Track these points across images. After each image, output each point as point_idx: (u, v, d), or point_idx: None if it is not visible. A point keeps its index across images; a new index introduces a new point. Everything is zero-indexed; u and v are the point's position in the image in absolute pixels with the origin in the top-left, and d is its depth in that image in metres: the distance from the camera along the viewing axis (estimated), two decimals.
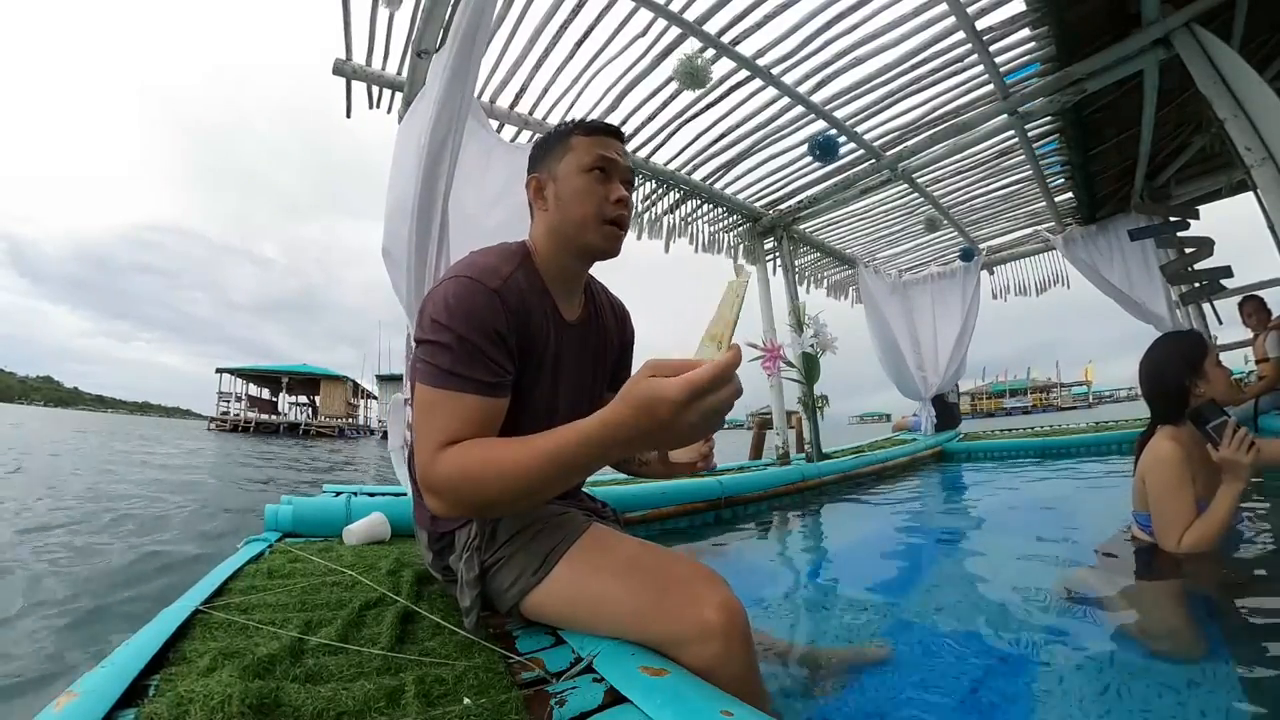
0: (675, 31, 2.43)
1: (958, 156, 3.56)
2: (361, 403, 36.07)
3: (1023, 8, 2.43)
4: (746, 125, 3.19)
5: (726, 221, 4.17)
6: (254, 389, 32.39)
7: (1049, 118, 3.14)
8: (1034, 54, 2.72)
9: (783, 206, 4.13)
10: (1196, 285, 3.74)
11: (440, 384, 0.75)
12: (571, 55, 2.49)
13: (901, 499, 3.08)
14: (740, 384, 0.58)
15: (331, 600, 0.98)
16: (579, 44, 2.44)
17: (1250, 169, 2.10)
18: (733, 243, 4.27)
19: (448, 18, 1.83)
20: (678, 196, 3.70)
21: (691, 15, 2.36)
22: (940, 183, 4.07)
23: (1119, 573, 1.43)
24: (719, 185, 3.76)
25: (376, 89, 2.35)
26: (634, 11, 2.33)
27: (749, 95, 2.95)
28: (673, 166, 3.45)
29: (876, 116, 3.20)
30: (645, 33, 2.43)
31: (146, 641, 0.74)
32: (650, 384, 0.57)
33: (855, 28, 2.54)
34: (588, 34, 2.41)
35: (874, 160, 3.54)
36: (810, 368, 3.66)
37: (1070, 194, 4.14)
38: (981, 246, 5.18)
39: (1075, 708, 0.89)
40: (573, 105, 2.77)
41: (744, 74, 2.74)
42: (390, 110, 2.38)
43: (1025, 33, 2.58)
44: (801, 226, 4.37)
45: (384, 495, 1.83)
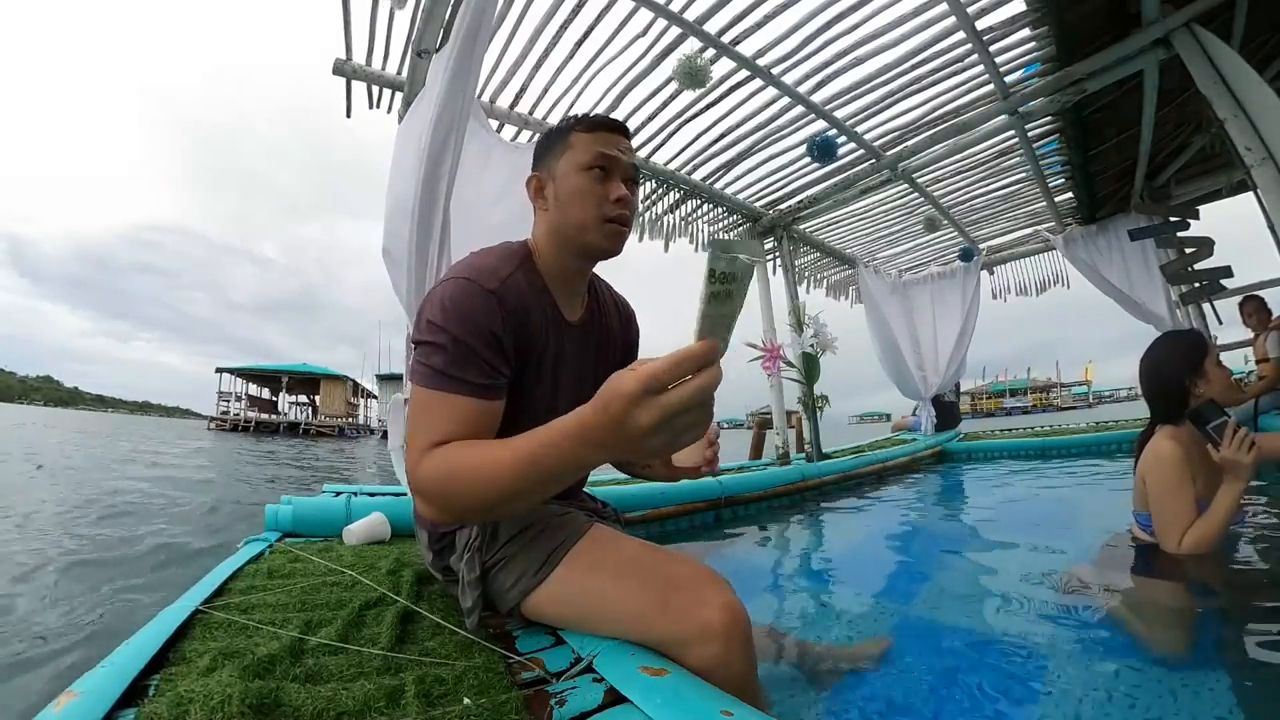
0: (675, 31, 2.43)
1: (958, 156, 3.56)
2: (361, 402, 36.09)
3: (1023, 8, 2.43)
4: (746, 125, 3.19)
5: (727, 221, 4.17)
6: (254, 388, 32.41)
7: (1049, 118, 3.13)
8: (1034, 54, 2.72)
9: (783, 206, 4.13)
10: (1196, 285, 3.74)
11: (433, 385, 0.75)
12: (571, 55, 2.49)
13: (901, 499, 3.08)
14: (713, 390, 0.48)
15: (331, 600, 0.98)
16: (579, 44, 2.44)
17: (1250, 169, 2.09)
18: None
19: (447, 18, 1.83)
20: (678, 196, 3.71)
21: (691, 15, 2.36)
22: (940, 183, 4.06)
23: (1119, 572, 1.43)
24: (719, 185, 3.76)
25: (376, 89, 2.35)
26: (634, 11, 2.33)
27: (749, 95, 2.95)
28: (673, 166, 3.46)
29: (876, 116, 3.20)
30: (645, 33, 2.43)
31: (146, 641, 0.74)
32: (613, 377, 0.50)
33: (855, 28, 2.54)
34: (588, 34, 2.41)
35: (874, 160, 3.54)
36: (810, 368, 3.66)
37: (1070, 194, 4.14)
38: (981, 246, 5.18)
39: (1075, 707, 0.89)
40: (573, 105, 2.77)
41: (744, 74, 2.74)
42: (390, 110, 2.38)
43: (1025, 33, 2.58)
44: (801, 226, 4.37)
45: (384, 495, 1.83)
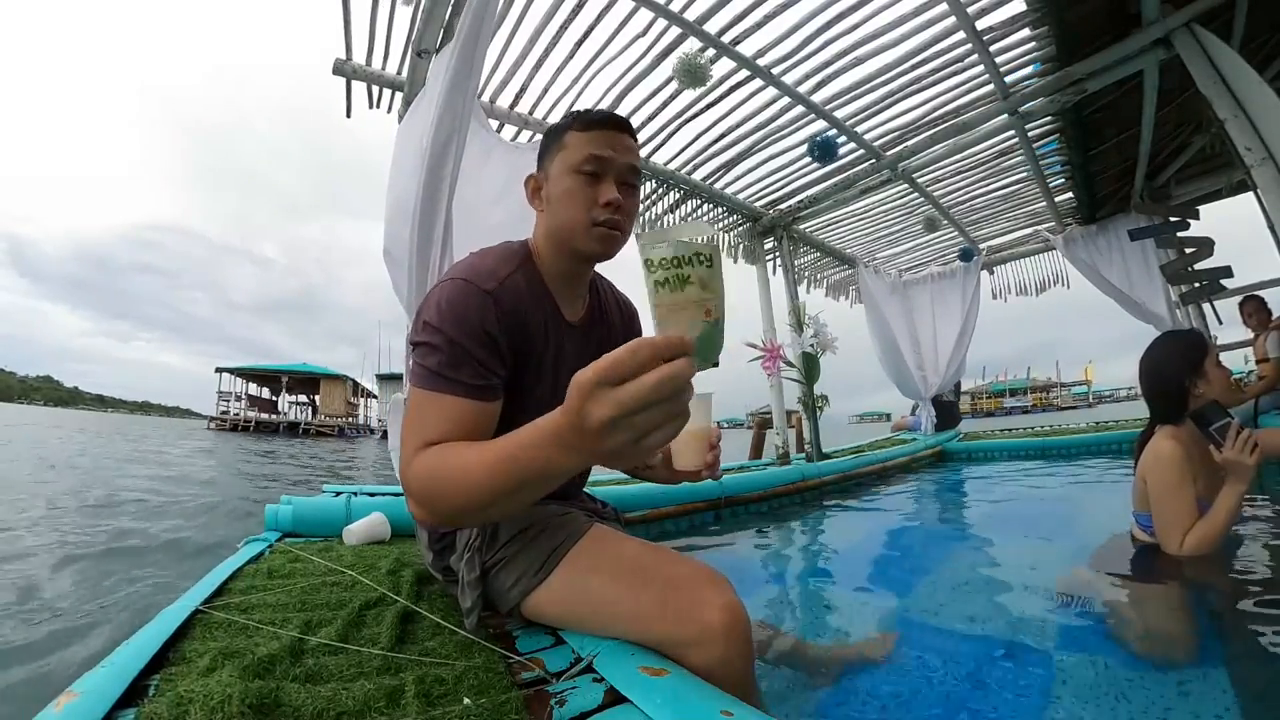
0: (675, 31, 2.43)
1: (958, 156, 3.56)
2: (361, 402, 36.11)
3: (1023, 8, 2.43)
4: (746, 125, 3.19)
5: (726, 221, 4.17)
6: (254, 388, 32.43)
7: (1049, 118, 3.13)
8: (1034, 54, 2.72)
9: (783, 206, 4.13)
10: (1196, 285, 3.74)
11: (427, 385, 0.75)
12: (571, 55, 2.49)
13: (901, 499, 3.08)
14: (678, 385, 0.42)
15: (331, 600, 0.98)
16: (579, 44, 2.44)
17: (1250, 169, 2.10)
18: (732, 242, 4.27)
19: (447, 17, 1.83)
20: (678, 196, 3.70)
21: (691, 15, 2.36)
22: (940, 183, 4.06)
23: (1119, 573, 1.43)
24: (719, 185, 3.76)
25: (376, 89, 2.35)
26: (634, 11, 2.33)
27: (749, 95, 2.94)
28: (673, 166, 3.45)
29: (876, 116, 3.20)
30: (645, 33, 2.43)
31: (146, 641, 0.74)
32: (577, 371, 0.46)
33: (855, 28, 2.54)
34: (588, 34, 2.41)
35: (874, 160, 3.54)
36: (810, 368, 3.66)
37: (1070, 194, 4.14)
38: (981, 246, 5.18)
39: (1075, 707, 0.89)
40: (573, 105, 2.77)
41: (744, 74, 2.74)
42: (390, 110, 2.38)
43: (1025, 33, 2.58)
44: (801, 226, 4.36)
45: (384, 495, 1.83)
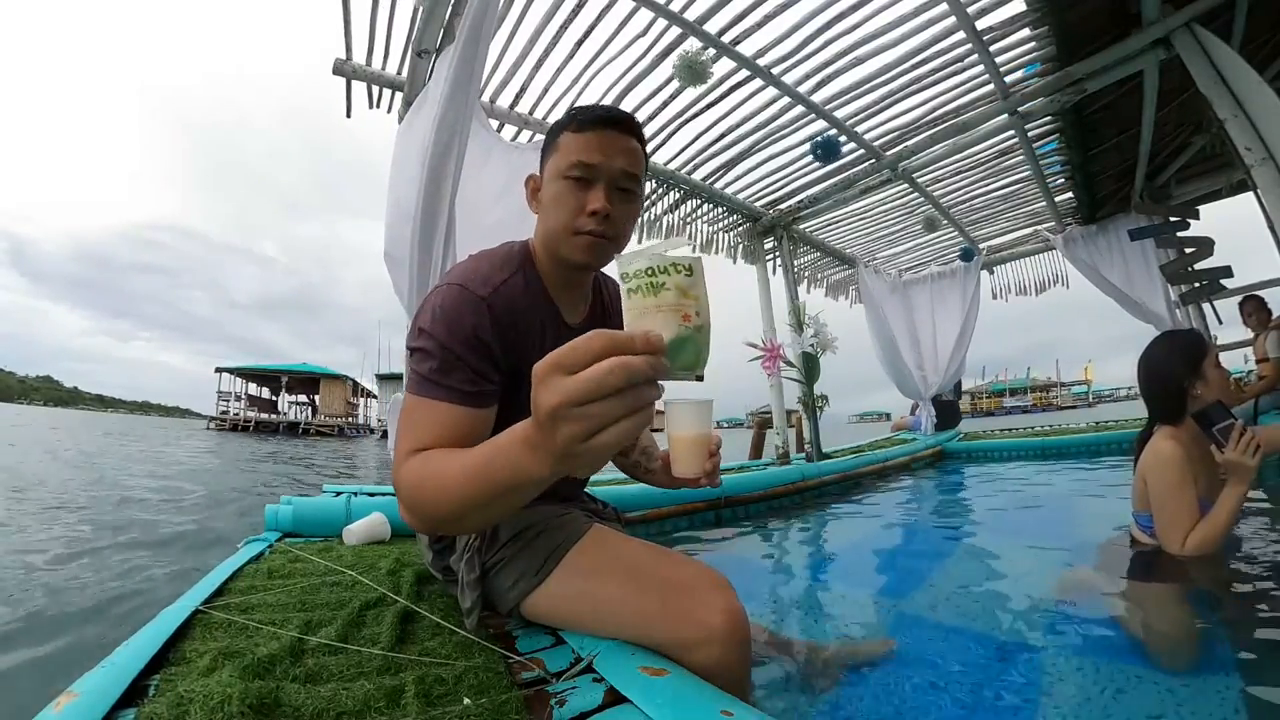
0: (675, 31, 2.43)
1: (958, 156, 3.56)
2: (361, 402, 36.09)
3: (1023, 8, 2.43)
4: (746, 125, 3.19)
5: (726, 221, 4.17)
6: (253, 388, 32.40)
7: (1049, 118, 3.13)
8: (1034, 54, 2.71)
9: (783, 206, 4.13)
10: (1196, 285, 3.74)
11: (419, 391, 0.75)
12: (572, 55, 2.49)
13: (901, 499, 3.09)
14: (633, 376, 0.40)
15: (331, 600, 0.98)
16: (579, 44, 2.44)
17: (1250, 169, 2.09)
18: (732, 242, 4.27)
19: (448, 17, 1.83)
20: (677, 196, 3.70)
21: (692, 15, 2.36)
22: (940, 183, 4.06)
23: (1119, 573, 1.43)
24: (719, 185, 3.76)
25: (376, 89, 2.35)
26: (634, 11, 2.33)
27: (749, 95, 2.94)
28: (673, 166, 3.45)
29: (877, 116, 3.20)
30: (645, 32, 2.43)
31: (146, 641, 0.74)
32: None
33: (855, 28, 2.54)
34: (588, 34, 2.41)
35: (874, 160, 3.54)
36: (810, 368, 3.66)
37: (1070, 194, 4.14)
38: (981, 246, 5.18)
39: (1075, 707, 0.89)
40: (573, 105, 2.77)
41: (744, 74, 2.74)
42: (390, 110, 2.38)
43: (1025, 33, 2.58)
44: (801, 226, 4.36)
45: (384, 495, 1.83)
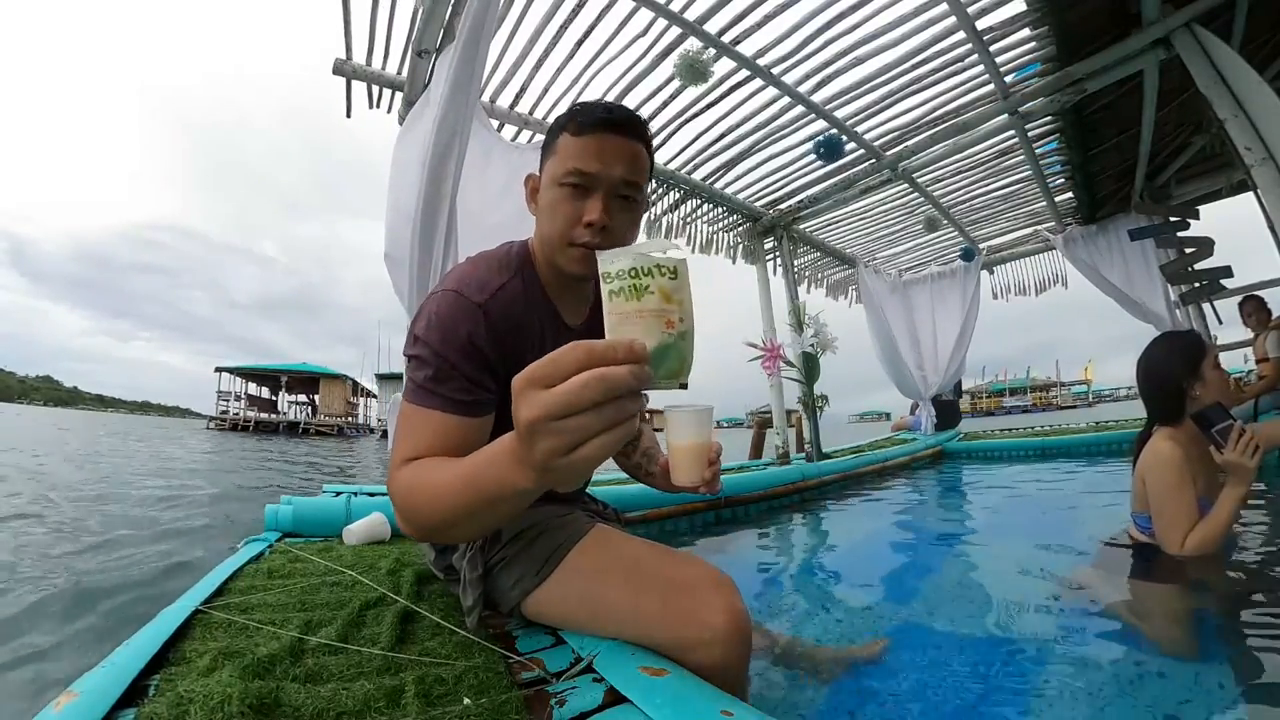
0: (676, 31, 2.43)
1: (958, 156, 3.56)
2: (361, 401, 36.07)
3: (1023, 8, 2.43)
4: (747, 125, 3.19)
5: (726, 221, 4.17)
6: (253, 388, 32.38)
7: (1049, 118, 3.13)
8: (1034, 54, 2.71)
9: (783, 206, 4.13)
10: (1196, 285, 3.74)
11: (414, 399, 0.75)
12: (572, 55, 2.49)
13: (901, 499, 3.09)
14: (612, 389, 0.39)
15: (331, 600, 0.98)
16: (579, 44, 2.44)
17: (1250, 169, 2.09)
18: (732, 242, 4.27)
19: (448, 17, 1.83)
20: (677, 196, 3.70)
21: (692, 15, 2.36)
22: (940, 183, 4.06)
23: (1118, 573, 1.43)
24: (719, 185, 3.76)
25: (376, 89, 2.35)
26: (634, 11, 2.33)
27: (749, 95, 2.94)
28: (673, 166, 3.45)
29: (877, 116, 3.20)
30: (645, 32, 2.43)
31: (146, 641, 0.73)
32: None
33: (855, 28, 2.54)
34: (588, 34, 2.41)
35: (874, 160, 3.54)
36: (810, 367, 3.66)
37: (1070, 194, 4.14)
38: (981, 246, 5.18)
39: (1074, 707, 0.89)
40: (575, 102, 2.77)
41: (744, 74, 2.74)
42: (390, 110, 2.38)
43: (1025, 33, 2.58)
44: (801, 226, 4.36)
45: (384, 495, 1.83)
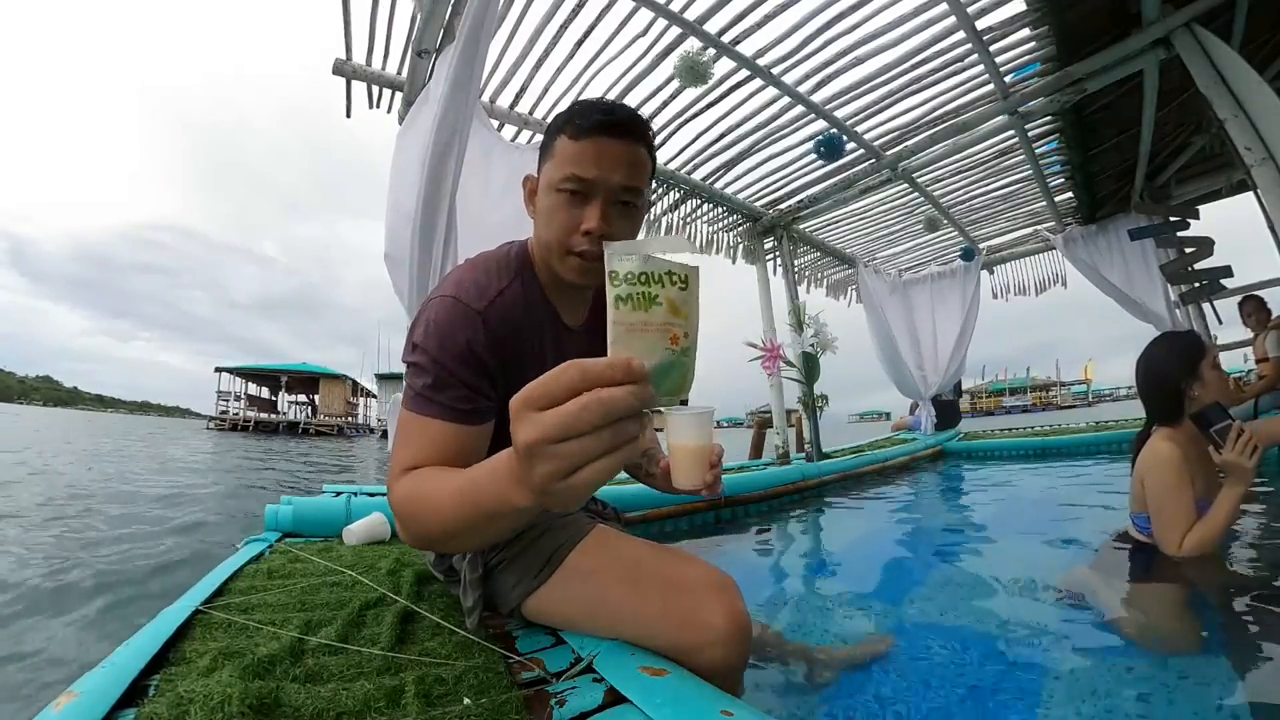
0: (675, 31, 2.43)
1: (958, 156, 3.56)
2: (361, 401, 36.08)
3: (1023, 8, 2.43)
4: (747, 125, 3.19)
5: (726, 221, 4.17)
6: (253, 388, 32.40)
7: (1049, 118, 3.13)
8: (1034, 54, 2.71)
9: (783, 206, 4.13)
10: (1196, 285, 3.74)
11: (413, 408, 0.74)
12: (572, 55, 2.49)
13: (901, 498, 3.09)
14: (612, 412, 0.37)
15: (331, 600, 0.98)
16: (579, 44, 2.44)
17: (1250, 169, 2.09)
18: (732, 242, 4.27)
19: (448, 17, 1.83)
20: (677, 196, 3.70)
21: (692, 15, 2.36)
22: (940, 182, 4.06)
23: (1117, 573, 1.43)
24: (719, 185, 3.76)
25: (376, 89, 2.35)
26: (634, 11, 2.33)
27: (749, 95, 2.94)
28: (673, 166, 3.45)
29: (877, 116, 3.20)
30: (645, 32, 2.43)
31: (146, 641, 0.74)
32: None
33: (855, 27, 2.54)
34: (588, 34, 2.41)
35: (874, 160, 3.54)
36: (810, 367, 3.66)
37: (1070, 194, 4.14)
38: (981, 246, 5.17)
39: (1073, 707, 0.89)
40: (575, 100, 2.77)
41: (744, 73, 2.74)
42: (390, 110, 2.38)
43: (1025, 33, 2.58)
44: (801, 226, 4.36)
45: (384, 495, 1.83)
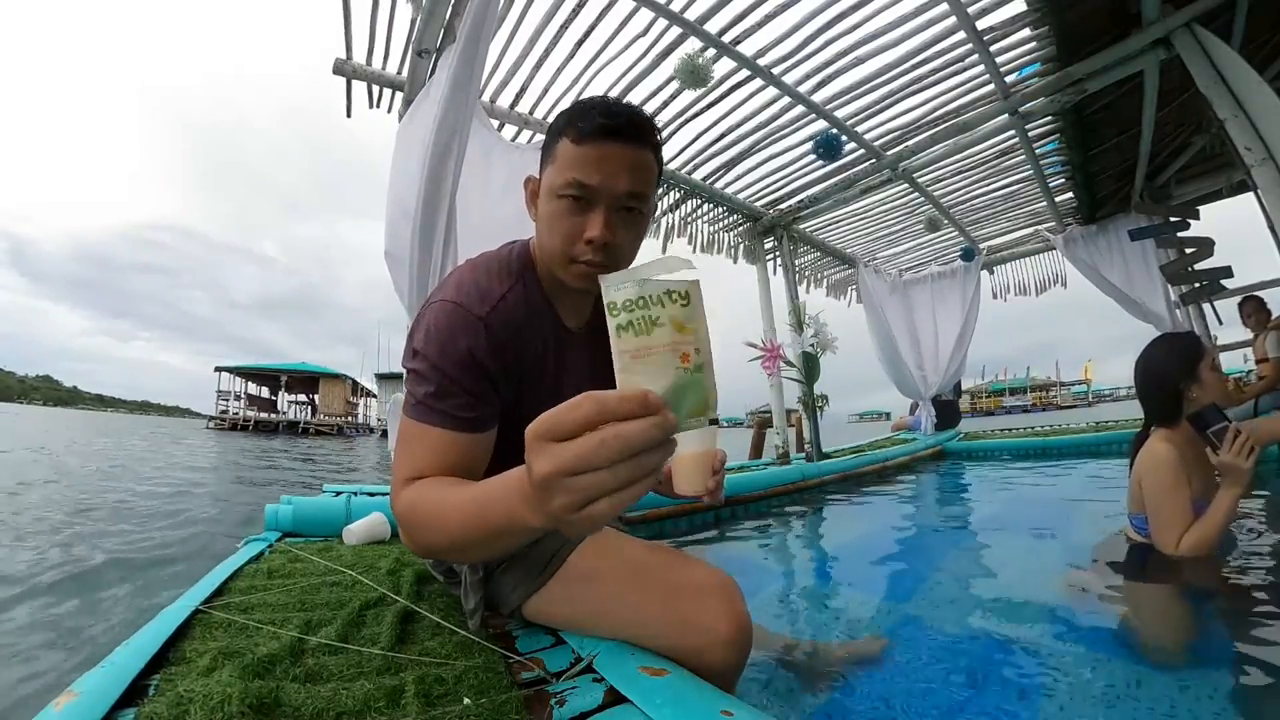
0: (676, 31, 2.43)
1: (958, 156, 3.56)
2: (361, 401, 36.11)
3: (1023, 8, 2.43)
4: (747, 125, 3.19)
5: (726, 221, 4.17)
6: (253, 388, 32.43)
7: (1049, 118, 3.13)
8: (1034, 54, 2.71)
9: (783, 206, 4.13)
10: (1196, 285, 3.74)
11: (415, 416, 0.73)
12: (572, 55, 2.49)
13: (901, 498, 3.09)
14: (630, 446, 0.35)
15: (331, 600, 0.97)
16: (579, 44, 2.44)
17: (1250, 169, 2.09)
18: (732, 242, 4.27)
19: (448, 17, 1.83)
20: (678, 196, 3.70)
21: (692, 15, 2.36)
22: (940, 182, 4.06)
23: (1115, 574, 1.43)
24: (719, 185, 3.76)
25: (377, 88, 2.35)
26: (634, 11, 2.33)
27: (750, 95, 2.94)
28: (673, 166, 3.45)
29: (877, 116, 3.20)
30: (646, 32, 2.43)
31: (146, 641, 0.73)
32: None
33: (856, 28, 2.54)
34: (588, 34, 2.41)
35: (874, 160, 3.54)
36: (810, 367, 3.66)
37: (1070, 194, 4.14)
38: (982, 246, 5.17)
39: (1072, 707, 0.89)
40: (577, 99, 2.77)
41: (745, 74, 2.74)
42: (390, 110, 2.38)
43: (1026, 33, 2.58)
44: (802, 226, 4.36)
45: (384, 495, 1.83)
